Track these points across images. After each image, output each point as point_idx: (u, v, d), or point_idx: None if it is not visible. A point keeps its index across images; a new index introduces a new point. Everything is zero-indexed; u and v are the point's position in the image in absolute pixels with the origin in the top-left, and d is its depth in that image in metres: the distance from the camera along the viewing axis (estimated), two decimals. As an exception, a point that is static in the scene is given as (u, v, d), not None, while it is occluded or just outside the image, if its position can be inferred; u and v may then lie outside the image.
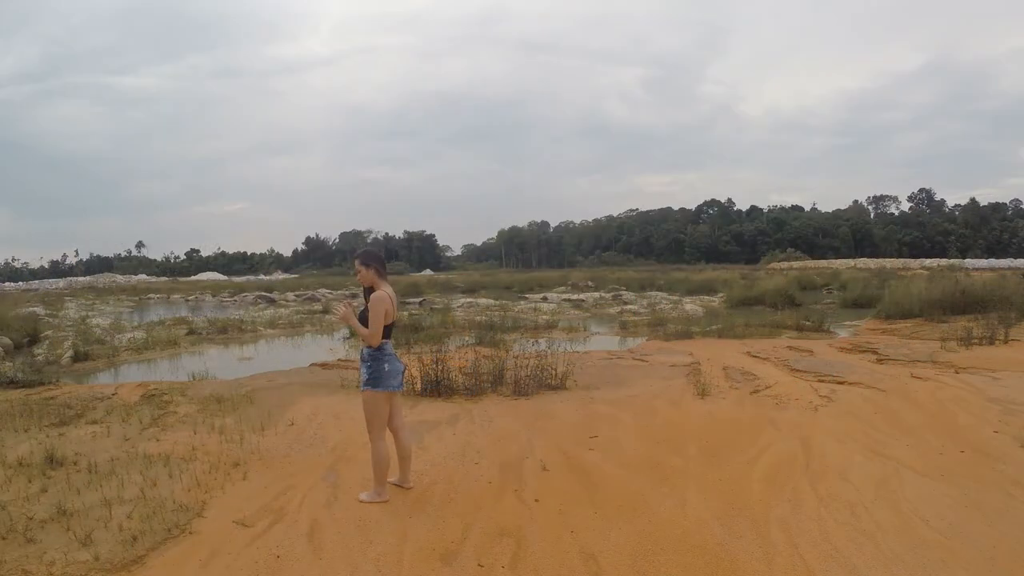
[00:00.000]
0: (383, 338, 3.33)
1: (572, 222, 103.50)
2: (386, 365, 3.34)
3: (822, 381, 6.28)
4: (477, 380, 6.07)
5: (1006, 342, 8.35)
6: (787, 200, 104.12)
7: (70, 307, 21.82)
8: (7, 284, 49.76)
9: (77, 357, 9.64)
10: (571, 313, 16.80)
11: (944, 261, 42.03)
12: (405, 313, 15.19)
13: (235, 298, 27.24)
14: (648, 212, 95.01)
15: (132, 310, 23.21)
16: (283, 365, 8.54)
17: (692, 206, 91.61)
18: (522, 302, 20.26)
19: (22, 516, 3.23)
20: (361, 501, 3.41)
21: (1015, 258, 52.81)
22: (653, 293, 22.89)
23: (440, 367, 6.05)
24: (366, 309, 3.33)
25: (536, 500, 3.41)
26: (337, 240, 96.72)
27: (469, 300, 21.05)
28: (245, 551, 2.87)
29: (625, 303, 18.88)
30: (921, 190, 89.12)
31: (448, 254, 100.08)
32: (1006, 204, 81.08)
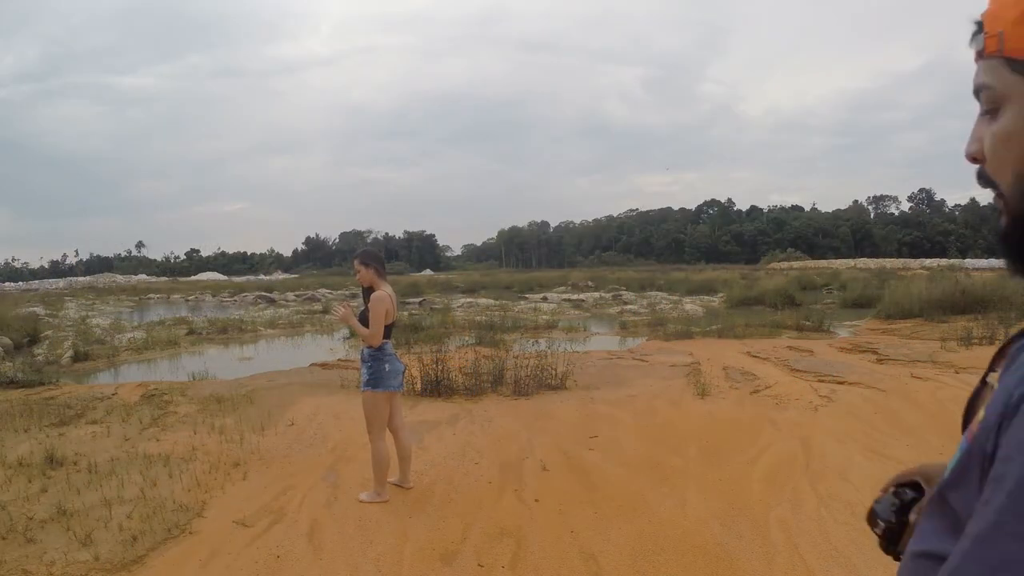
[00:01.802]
0: (383, 338, 3.32)
1: (572, 222, 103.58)
2: (386, 365, 3.33)
3: (822, 381, 6.28)
4: (477, 380, 6.07)
5: (1006, 342, 8.34)
6: (787, 200, 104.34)
7: (70, 307, 21.81)
8: (7, 284, 49.75)
9: (77, 357, 9.65)
10: (571, 313, 16.79)
11: (944, 261, 42.03)
12: (405, 313, 15.19)
13: (235, 298, 27.23)
14: (648, 212, 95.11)
15: (132, 310, 23.21)
16: (283, 365, 8.54)
17: (692, 206, 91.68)
18: (522, 302, 20.26)
19: (22, 516, 3.23)
20: (361, 501, 3.41)
21: (1015, 258, 52.68)
22: (653, 293, 22.89)
23: (440, 367, 6.05)
24: (366, 309, 3.32)
25: (536, 500, 3.41)
26: (337, 240, 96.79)
27: (469, 300, 21.05)
28: (245, 551, 2.87)
29: (625, 303, 18.88)
30: (921, 190, 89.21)
31: (448, 254, 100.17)
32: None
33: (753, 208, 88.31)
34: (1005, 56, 0.50)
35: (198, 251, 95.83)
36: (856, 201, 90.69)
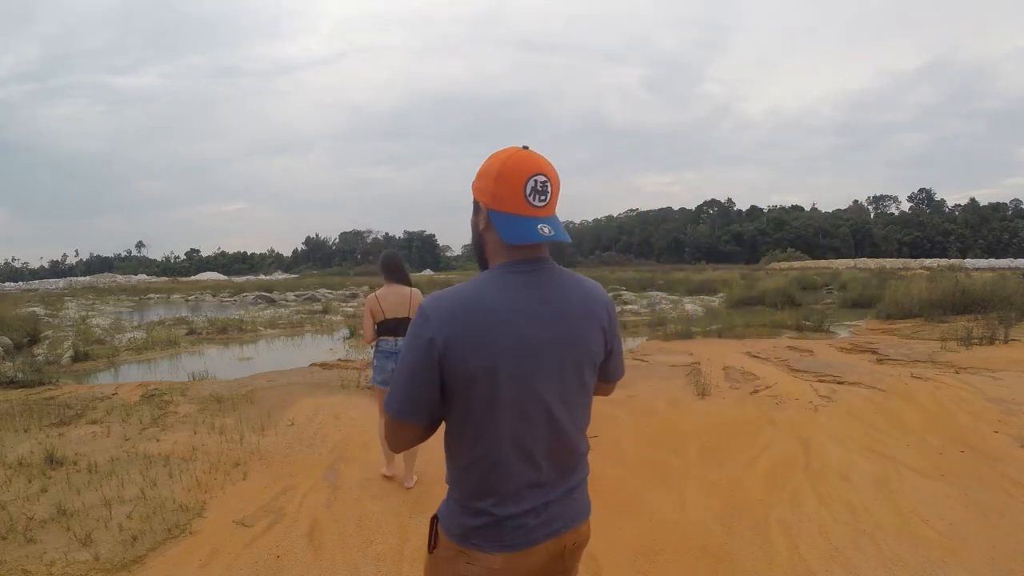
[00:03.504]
0: (385, 335, 3.52)
1: (572, 222, 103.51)
2: (375, 361, 3.58)
3: (822, 381, 6.28)
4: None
5: (1006, 342, 8.34)
6: (787, 200, 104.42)
7: (70, 307, 21.81)
8: (7, 284, 49.77)
9: (77, 357, 9.65)
10: (571, 313, 16.75)
11: (944, 261, 42.00)
12: (405, 313, 15.16)
13: (235, 298, 27.23)
14: (648, 212, 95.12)
15: (132, 310, 23.21)
16: (283, 365, 8.54)
17: (692, 206, 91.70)
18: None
19: (22, 516, 3.23)
20: (382, 475, 3.74)
21: (1015, 258, 52.80)
22: (653, 293, 22.89)
23: (440, 367, 6.05)
24: None
25: (536, 500, 3.40)
26: (337, 240, 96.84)
27: (469, 300, 21.00)
28: (245, 551, 2.87)
29: (625, 303, 18.88)
30: (921, 190, 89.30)
31: (448, 254, 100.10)
32: (1006, 204, 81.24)
33: (753, 208, 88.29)
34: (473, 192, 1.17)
35: (198, 251, 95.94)
36: (856, 201, 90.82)
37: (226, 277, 59.27)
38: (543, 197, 1.11)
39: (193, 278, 58.22)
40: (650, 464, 3.95)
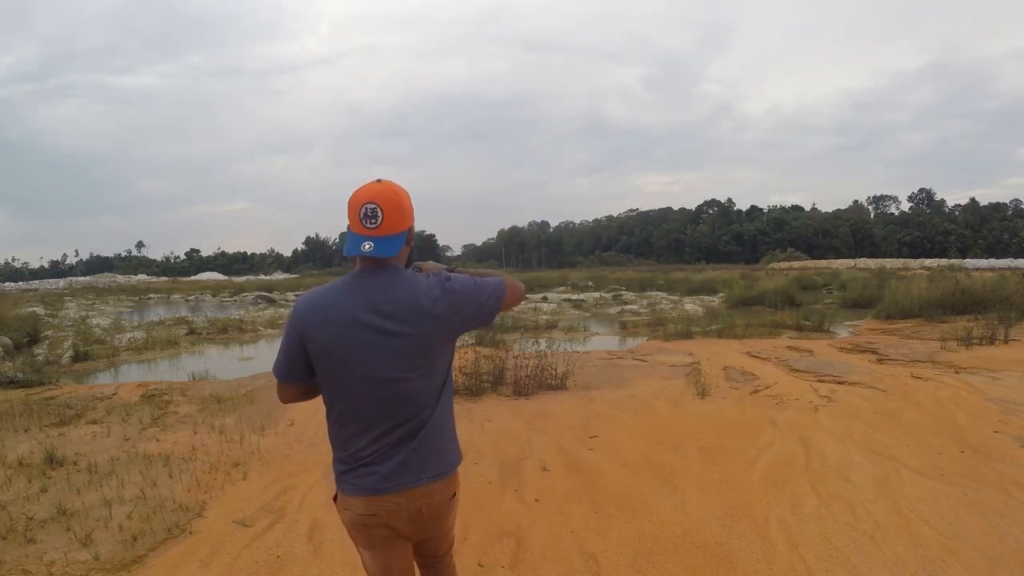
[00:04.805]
0: None
1: (572, 222, 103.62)
2: None
3: (822, 381, 6.28)
4: (477, 380, 6.07)
5: (1006, 342, 8.34)
6: (787, 200, 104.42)
7: (70, 307, 21.81)
8: (7, 284, 49.78)
9: (77, 357, 9.64)
10: (571, 313, 16.79)
11: (944, 261, 41.98)
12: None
13: (235, 298, 27.24)
14: (648, 212, 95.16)
15: (132, 310, 23.22)
16: (283, 365, 8.52)
17: (692, 206, 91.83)
18: (522, 302, 20.23)
19: (22, 516, 3.23)
20: None
21: (1015, 258, 52.80)
22: (653, 293, 22.88)
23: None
24: None
25: (536, 500, 3.41)
26: (337, 240, 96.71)
27: (469, 300, 21.00)
28: (245, 551, 2.87)
29: (625, 303, 18.88)
30: (921, 190, 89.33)
31: (448, 254, 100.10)
32: (1006, 204, 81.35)
33: (753, 208, 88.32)
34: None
35: (198, 251, 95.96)
36: (856, 201, 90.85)
37: (226, 277, 59.27)
38: (373, 221, 1.42)
39: (193, 278, 58.23)
40: (650, 464, 3.95)
